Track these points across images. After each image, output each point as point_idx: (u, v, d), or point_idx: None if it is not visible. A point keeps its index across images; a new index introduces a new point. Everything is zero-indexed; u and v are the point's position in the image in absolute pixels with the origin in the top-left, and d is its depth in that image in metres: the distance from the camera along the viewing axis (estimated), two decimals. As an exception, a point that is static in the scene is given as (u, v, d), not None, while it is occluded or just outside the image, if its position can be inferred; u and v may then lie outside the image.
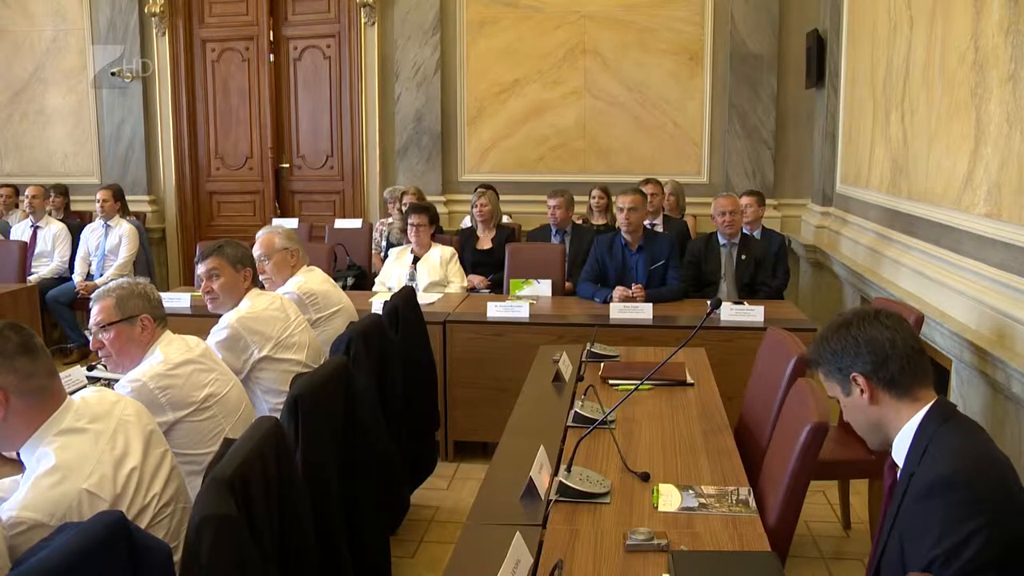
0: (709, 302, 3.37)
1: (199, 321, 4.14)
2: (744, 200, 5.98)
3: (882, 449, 2.02)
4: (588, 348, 3.86)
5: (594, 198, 6.72)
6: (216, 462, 2.10)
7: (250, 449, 2.13)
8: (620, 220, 5.14)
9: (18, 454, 2.76)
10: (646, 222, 5.52)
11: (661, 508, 2.34)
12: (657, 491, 2.42)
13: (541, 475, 2.45)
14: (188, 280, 7.65)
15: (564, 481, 2.40)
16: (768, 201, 6.60)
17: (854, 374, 1.95)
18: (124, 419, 2.22)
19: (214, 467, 2.06)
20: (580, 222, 6.43)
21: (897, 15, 5.18)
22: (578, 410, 2.99)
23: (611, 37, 7.43)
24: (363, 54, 7.82)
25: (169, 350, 2.76)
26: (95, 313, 2.82)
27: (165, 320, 2.88)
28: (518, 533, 2.05)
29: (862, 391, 1.95)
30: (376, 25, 7.74)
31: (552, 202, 6.02)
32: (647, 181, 6.38)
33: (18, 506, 1.95)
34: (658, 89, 7.43)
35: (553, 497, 2.38)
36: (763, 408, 3.13)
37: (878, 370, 1.93)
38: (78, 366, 3.73)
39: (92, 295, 2.89)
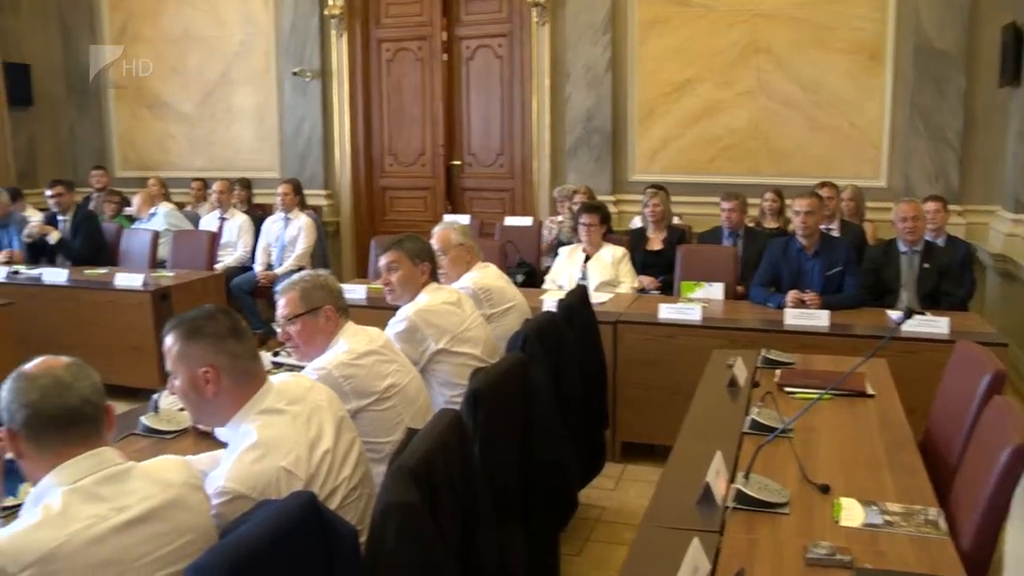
0: (893, 312, 3.25)
1: (375, 313, 4.26)
2: (928, 206, 5.72)
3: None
4: (763, 354, 3.78)
5: (767, 201, 6.57)
6: (400, 451, 2.17)
7: (433, 440, 2.19)
8: (796, 224, 5.02)
9: (212, 431, 2.96)
10: (821, 226, 5.36)
11: (843, 523, 2.27)
12: (838, 505, 2.35)
13: (718, 481, 2.42)
14: (361, 273, 7.92)
15: (742, 489, 2.36)
16: (951, 207, 6.29)
17: None
18: (318, 404, 2.33)
19: (399, 456, 2.12)
20: (752, 225, 6.30)
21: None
22: (755, 417, 2.93)
23: (785, 35, 7.23)
24: (534, 54, 7.86)
25: (353, 340, 2.86)
26: (281, 306, 2.93)
27: (347, 311, 2.98)
28: (696, 539, 2.03)
29: None
30: (547, 25, 7.78)
31: (726, 204, 5.93)
32: (823, 184, 6.19)
33: (223, 477, 2.08)
34: (834, 88, 7.17)
35: (730, 504, 2.35)
36: (952, 425, 2.99)
37: None
38: (263, 352, 3.90)
39: (277, 288, 3.01)
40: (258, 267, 7.42)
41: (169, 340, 2.26)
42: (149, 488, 1.83)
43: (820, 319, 4.54)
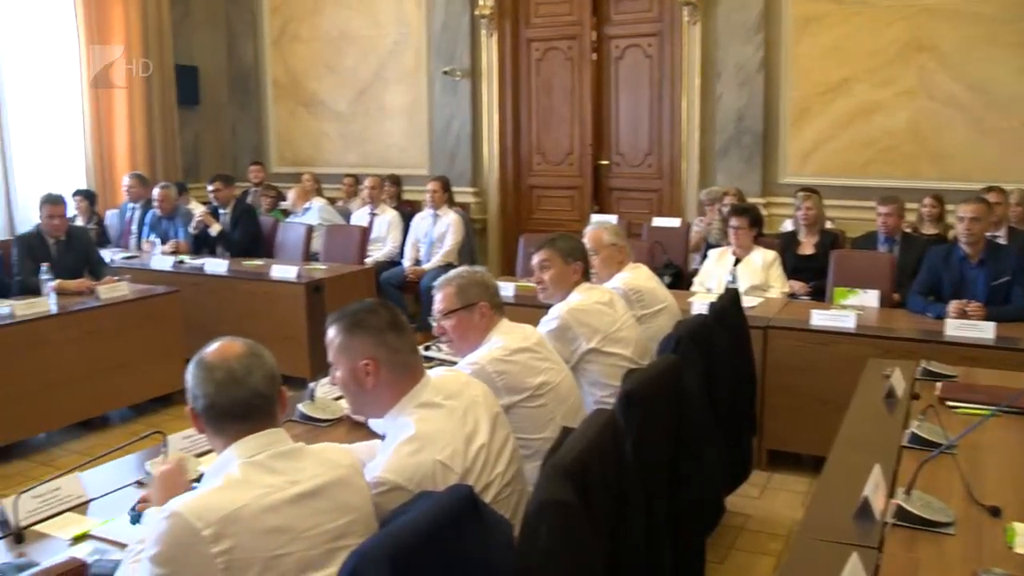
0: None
1: (523, 311, 4.28)
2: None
3: None
4: (923, 365, 3.64)
5: (926, 206, 6.32)
6: (555, 449, 2.18)
7: (588, 439, 2.20)
8: (959, 230, 4.79)
9: (366, 422, 3.04)
10: (987, 233, 5.11)
11: (1017, 549, 2.14)
12: (1012, 530, 2.23)
13: (876, 495, 2.34)
14: (508, 270, 7.99)
15: (903, 505, 2.27)
16: None
17: None
18: (474, 399, 2.36)
19: (553, 454, 2.14)
20: (910, 231, 6.07)
21: None
22: (915, 431, 2.82)
23: (953, 32, 6.89)
24: (684, 53, 7.76)
25: (508, 337, 2.89)
26: (437, 301, 2.99)
27: (502, 308, 3.01)
28: (855, 554, 1.97)
29: None
30: (699, 24, 7.67)
31: (883, 209, 5.72)
32: (990, 189, 5.90)
33: (381, 468, 2.13)
34: (1007, 88, 6.76)
35: (890, 520, 2.26)
36: None
37: None
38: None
39: (435, 284, 3.07)
40: (406, 262, 7.59)
41: (331, 332, 2.33)
42: (318, 467, 1.93)
43: (985, 331, 4.32)
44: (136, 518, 2.21)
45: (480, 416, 2.33)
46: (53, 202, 5.97)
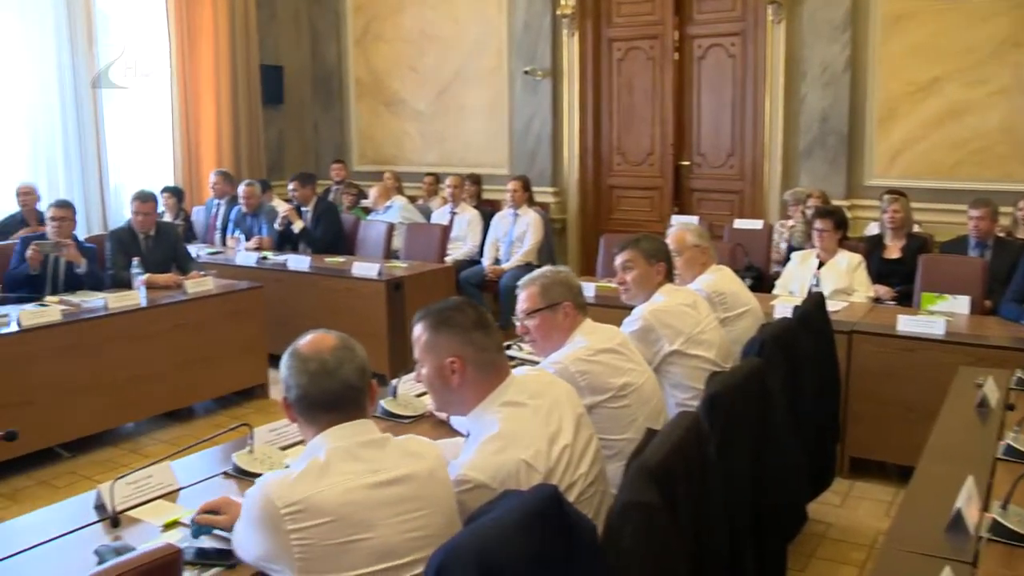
0: None
1: (604, 311, 4.26)
2: None
3: None
4: (1018, 375, 3.53)
5: (1021, 210, 6.14)
6: (640, 451, 2.17)
7: (673, 442, 2.18)
8: (1057, 235, 4.65)
9: (448, 420, 3.06)
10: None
11: (1121, 567, 2.09)
12: (1117, 549, 2.16)
13: (969, 508, 2.28)
14: (587, 270, 7.95)
15: (1000, 519, 2.20)
16: None
17: None
18: (558, 399, 2.36)
19: (638, 456, 2.13)
20: (1003, 235, 5.89)
21: None
22: (1011, 443, 2.73)
23: (1057, 27, 6.65)
24: (768, 52, 7.64)
25: (591, 337, 2.88)
26: (521, 300, 3.00)
27: (585, 308, 3.01)
28: (948, 568, 1.92)
29: None
30: (783, 23, 7.55)
31: (975, 212, 5.56)
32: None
33: (465, 466, 2.15)
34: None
35: (985, 534, 2.20)
36: None
37: None
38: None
39: (519, 283, 3.07)
40: (486, 261, 7.62)
41: (418, 329, 2.35)
42: (402, 457, 1.99)
43: (1084, 340, 4.18)
44: (197, 532, 2.24)
45: (564, 416, 2.33)
46: (142, 199, 6.13)
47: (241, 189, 7.61)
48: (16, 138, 7.95)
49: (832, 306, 4.81)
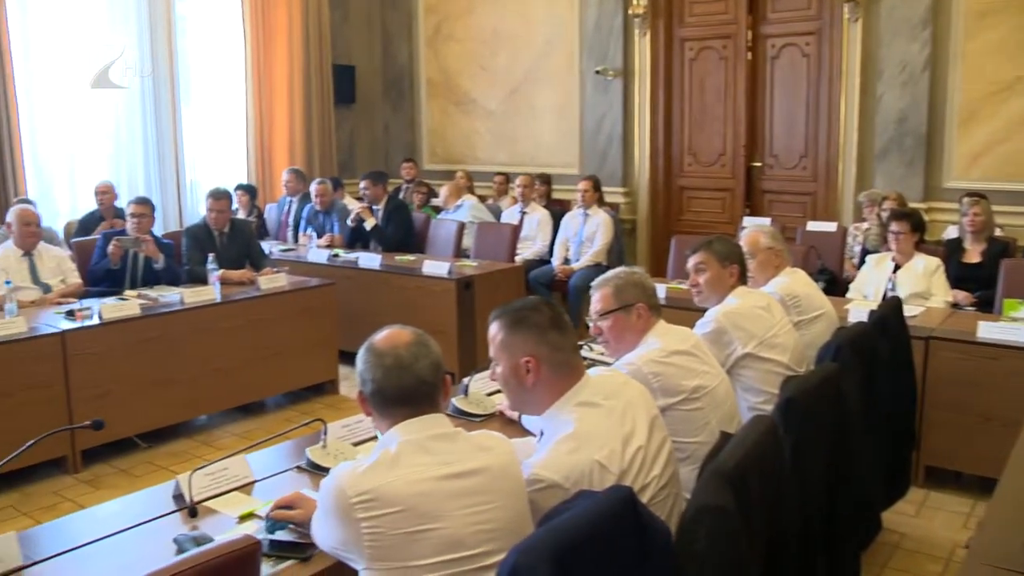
0: None
1: (675, 313, 4.21)
2: None
3: None
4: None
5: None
6: (715, 454, 2.15)
7: (748, 447, 2.15)
8: None
9: (519, 419, 3.07)
10: None
11: None
12: None
13: (1058, 522, 2.21)
14: (657, 271, 7.89)
15: (1089, 533, 2.14)
16: None
17: None
18: (632, 400, 2.35)
19: (713, 459, 2.10)
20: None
21: None
22: (1100, 454, 2.66)
23: None
24: (844, 51, 7.51)
25: (664, 339, 2.86)
26: (595, 301, 2.98)
27: (659, 310, 2.98)
28: (1035, 583, 1.87)
29: None
30: (860, 21, 7.41)
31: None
32: None
33: (538, 465, 2.15)
34: None
35: (1074, 549, 2.14)
36: None
37: None
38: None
39: (592, 284, 3.05)
40: (556, 261, 7.61)
41: (494, 328, 2.36)
42: (473, 451, 2.02)
43: None
44: (272, 527, 2.27)
45: (638, 417, 2.31)
46: (217, 196, 6.25)
47: (314, 187, 7.72)
48: (99, 138, 8.18)
49: (909, 311, 4.70)
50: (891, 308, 3.90)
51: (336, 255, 7.03)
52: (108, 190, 7.42)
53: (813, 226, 6.92)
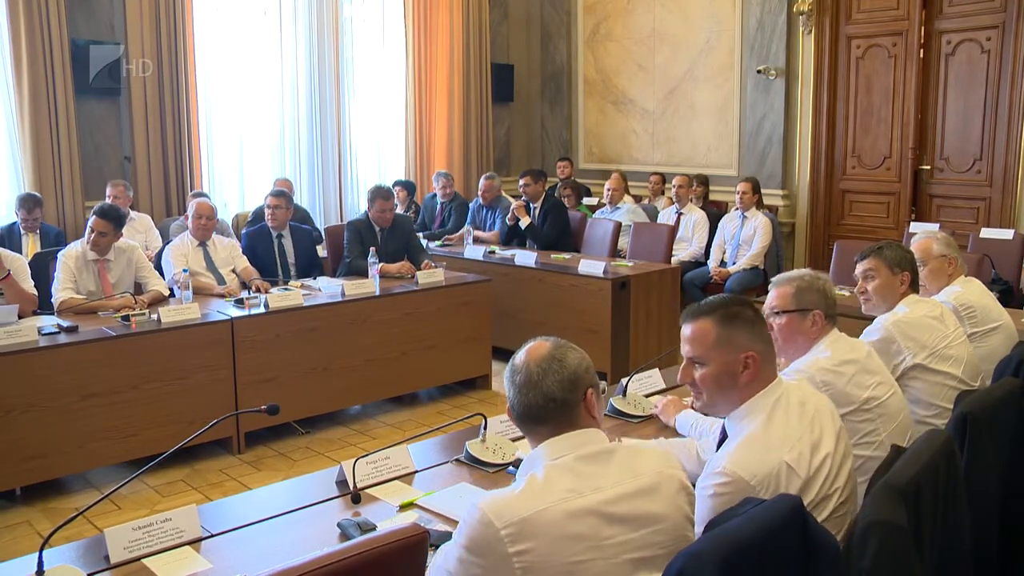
0: None
1: (842, 321, 4.09)
2: None
3: None
4: None
5: None
6: (886, 468, 2.07)
7: (923, 462, 2.06)
8: None
9: (674, 423, 3.03)
10: None
11: None
12: None
13: None
14: (816, 277, 7.69)
15: None
16: None
17: None
18: (820, 408, 2.27)
19: (885, 473, 2.03)
20: None
21: None
22: None
23: None
24: (1029, 47, 7.12)
25: (836, 347, 2.76)
26: (771, 297, 2.89)
27: (835, 319, 2.87)
28: None
29: None
30: (1049, 14, 6.99)
31: None
32: None
33: (728, 458, 2.08)
34: None
35: None
36: None
37: None
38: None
39: (773, 279, 2.96)
40: (712, 263, 7.51)
41: (703, 325, 2.24)
42: (623, 473, 1.88)
43: None
44: None
45: (826, 425, 2.23)
46: (385, 196, 6.40)
47: (481, 182, 7.89)
48: (266, 134, 8.55)
49: (1095, 325, 4.43)
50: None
51: (492, 252, 7.11)
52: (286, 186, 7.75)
53: (988, 233, 6.58)
